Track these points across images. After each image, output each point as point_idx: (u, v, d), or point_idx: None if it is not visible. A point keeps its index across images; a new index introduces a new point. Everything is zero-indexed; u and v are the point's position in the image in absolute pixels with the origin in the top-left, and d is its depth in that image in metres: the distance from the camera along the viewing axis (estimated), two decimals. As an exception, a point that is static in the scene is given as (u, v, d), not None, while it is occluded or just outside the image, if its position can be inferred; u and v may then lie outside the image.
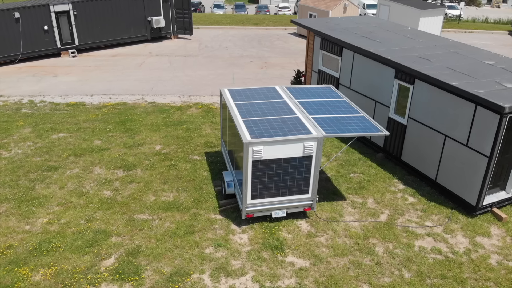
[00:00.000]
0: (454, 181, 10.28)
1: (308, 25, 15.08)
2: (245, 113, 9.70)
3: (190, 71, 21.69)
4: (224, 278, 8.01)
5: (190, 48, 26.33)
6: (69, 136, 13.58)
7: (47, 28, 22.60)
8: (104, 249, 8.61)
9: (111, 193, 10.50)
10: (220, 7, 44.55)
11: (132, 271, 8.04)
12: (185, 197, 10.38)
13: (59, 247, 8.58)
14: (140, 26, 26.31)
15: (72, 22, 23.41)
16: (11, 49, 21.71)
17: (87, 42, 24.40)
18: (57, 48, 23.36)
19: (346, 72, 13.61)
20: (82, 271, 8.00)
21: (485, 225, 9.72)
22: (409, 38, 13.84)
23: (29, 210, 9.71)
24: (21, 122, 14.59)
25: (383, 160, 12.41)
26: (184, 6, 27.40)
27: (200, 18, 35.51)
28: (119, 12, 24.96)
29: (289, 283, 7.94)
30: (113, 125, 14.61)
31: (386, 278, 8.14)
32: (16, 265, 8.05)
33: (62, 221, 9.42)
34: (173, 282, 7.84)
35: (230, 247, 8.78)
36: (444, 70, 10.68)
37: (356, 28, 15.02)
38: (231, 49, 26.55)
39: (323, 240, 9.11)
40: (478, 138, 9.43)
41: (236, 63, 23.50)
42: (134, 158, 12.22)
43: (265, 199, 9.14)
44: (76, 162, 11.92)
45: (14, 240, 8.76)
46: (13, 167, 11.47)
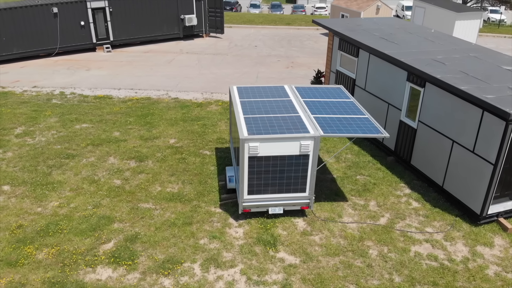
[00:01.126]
0: (460, 188, 10.03)
1: (327, 25, 15.05)
2: (248, 110, 9.89)
3: (216, 69, 22.10)
4: (214, 269, 8.25)
5: (220, 47, 26.78)
6: (91, 127, 14.27)
7: (83, 24, 23.70)
8: (105, 233, 9.07)
9: (120, 182, 10.99)
10: (257, 6, 44.87)
11: (127, 256, 8.43)
12: (189, 190, 10.71)
13: (64, 229, 9.12)
14: (173, 24, 27.05)
15: (108, 18, 24.42)
16: (49, 42, 22.95)
17: (122, 38, 25.38)
18: (92, 43, 24.45)
19: (362, 73, 13.50)
20: (82, 253, 8.48)
21: (489, 234, 9.42)
22: (429, 40, 13.54)
23: (43, 194, 10.35)
24: (49, 112, 15.46)
25: (393, 164, 12.23)
26: (217, 5, 27.90)
27: (233, 17, 35.98)
28: (153, 9, 25.78)
29: (276, 278, 8.07)
30: (134, 118, 15.20)
31: (375, 281, 8.10)
32: (23, 243, 8.65)
33: (71, 205, 9.99)
34: (164, 269, 8.16)
35: (224, 240, 9.01)
36: (457, 74, 10.41)
37: (377, 29, 14.84)
38: (260, 48, 26.79)
39: (317, 239, 9.15)
40: (484, 145, 9.16)
41: (263, 62, 23.70)
42: (148, 150, 12.69)
43: (261, 195, 9.30)
44: (93, 151, 12.54)
45: (25, 220, 9.38)
46: (35, 153, 12.22)
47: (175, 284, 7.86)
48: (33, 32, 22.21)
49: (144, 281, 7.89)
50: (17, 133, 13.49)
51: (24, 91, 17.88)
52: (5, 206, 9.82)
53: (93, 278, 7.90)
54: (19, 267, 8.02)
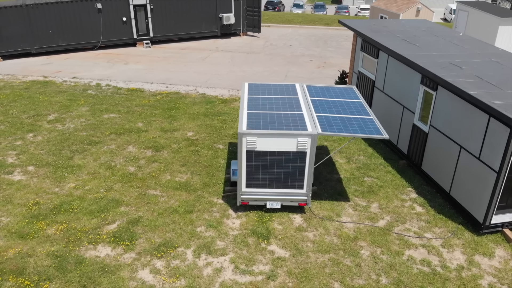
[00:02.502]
0: (465, 195, 9.78)
1: (351, 26, 15.00)
2: (253, 106, 10.17)
3: (247, 67, 22.50)
4: (205, 255, 8.61)
5: (255, 45, 27.16)
6: (118, 117, 15.09)
7: (125, 19, 24.87)
8: (111, 215, 9.68)
9: (134, 169, 11.62)
10: (300, 6, 44.91)
11: (127, 237, 8.98)
12: (196, 180, 11.14)
13: (75, 209, 9.83)
14: (211, 22, 27.73)
15: (149, 15, 25.46)
16: (92, 36, 24.30)
17: (161, 34, 26.36)
18: (133, 38, 25.59)
19: (381, 75, 13.38)
20: (87, 231, 9.12)
21: (491, 245, 9.13)
22: (454, 44, 13.17)
23: (62, 176, 11.16)
24: (82, 101, 16.48)
25: (405, 168, 12.06)
26: (255, 4, 28.30)
27: (272, 17, 36.26)
28: (192, 7, 26.57)
29: (262, 269, 8.30)
30: (159, 111, 15.88)
31: (361, 281, 8.13)
32: (36, 219, 9.43)
33: (86, 187, 10.71)
34: (158, 251, 8.62)
35: (220, 229, 9.35)
36: (471, 78, 10.14)
37: (402, 31, 14.60)
38: (295, 48, 26.90)
39: (311, 235, 9.28)
40: (489, 152, 8.90)
41: (295, 61, 23.83)
42: (165, 141, 13.28)
43: (259, 189, 9.55)
44: (115, 139, 13.29)
45: (42, 199, 10.19)
46: (62, 139, 13.14)
47: (166, 266, 8.29)
48: (78, 26, 23.61)
49: (138, 261, 8.39)
50: (50, 119, 14.53)
51: (64, 81, 19.12)
52: (27, 185, 10.70)
53: (92, 254, 8.50)
54: (29, 240, 8.77)
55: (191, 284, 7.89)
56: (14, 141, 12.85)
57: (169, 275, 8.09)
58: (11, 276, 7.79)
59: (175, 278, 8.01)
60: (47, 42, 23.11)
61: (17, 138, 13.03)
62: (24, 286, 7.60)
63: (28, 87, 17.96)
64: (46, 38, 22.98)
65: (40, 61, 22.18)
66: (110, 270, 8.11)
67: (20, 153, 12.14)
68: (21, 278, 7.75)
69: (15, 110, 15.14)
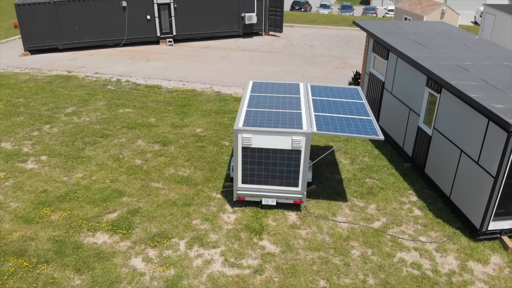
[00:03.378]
0: (464, 200, 9.62)
1: (363, 26, 14.93)
2: (253, 104, 10.34)
3: (265, 66, 22.67)
4: (197, 247, 8.85)
5: (276, 45, 27.29)
6: (132, 112, 15.58)
7: (149, 18, 25.53)
8: (113, 205, 10.07)
9: (140, 162, 12.01)
10: (326, 7, 44.65)
11: (125, 226, 9.34)
12: (198, 175, 11.41)
13: (80, 197, 10.28)
14: (233, 21, 28.06)
15: (172, 13, 26.03)
16: (117, 33, 25.07)
17: (184, 33, 26.90)
18: (156, 36, 26.23)
19: (390, 76, 13.27)
20: (88, 219, 9.54)
21: (487, 251, 8.96)
22: (466, 47, 12.91)
23: (72, 166, 11.67)
24: (101, 96, 17.08)
25: (409, 171, 11.93)
26: (277, 4, 28.44)
27: (296, 17, 36.26)
28: (215, 7, 26.97)
29: (251, 263, 8.47)
30: (173, 107, 16.28)
31: (347, 280, 8.17)
32: (42, 205, 9.93)
33: (93, 178, 11.17)
34: (152, 241, 8.93)
35: (215, 223, 9.57)
36: (475, 81, 9.95)
37: (416, 33, 14.41)
38: (315, 48, 26.86)
39: (304, 233, 9.37)
40: (487, 156, 8.74)
41: (314, 61, 23.82)
42: (174, 136, 13.63)
43: (255, 185, 9.72)
44: (126, 133, 13.75)
45: (51, 186, 10.71)
46: (76, 131, 13.71)
47: (158, 255, 8.59)
48: (103, 23, 24.42)
49: (132, 249, 8.72)
50: (67, 112, 15.17)
51: (86, 76, 19.85)
52: (38, 173, 11.25)
53: (90, 241, 8.90)
54: (33, 225, 9.26)
55: (179, 273, 8.15)
56: (31, 131, 13.50)
57: (160, 264, 8.37)
58: (12, 257, 8.27)
59: (165, 267, 8.29)
60: (74, 38, 24.02)
61: (34, 129, 13.69)
62: (23, 267, 8.06)
63: (52, 81, 18.76)
64: (73, 34, 23.90)
65: (66, 57, 23.08)
66: (104, 257, 8.47)
67: (35, 143, 12.76)
68: (21, 260, 8.22)
69: (36, 102, 15.88)
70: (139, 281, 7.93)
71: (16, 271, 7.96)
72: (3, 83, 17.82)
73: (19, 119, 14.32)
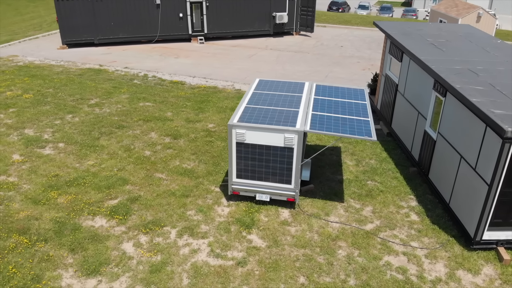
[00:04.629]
0: (461, 208, 9.35)
1: (381, 27, 14.71)
2: (253, 101, 10.52)
3: (289, 66, 22.73)
4: (186, 236, 9.16)
5: (305, 45, 27.25)
6: (151, 106, 16.17)
7: (181, 16, 26.21)
8: (115, 192, 10.58)
9: (149, 153, 12.50)
10: (365, 7, 43.91)
11: (122, 212, 9.80)
12: (201, 168, 11.74)
13: (86, 183, 10.88)
14: (265, 20, 28.27)
15: (204, 12, 26.60)
16: (150, 30, 25.93)
17: (215, 31, 27.41)
18: (188, 34, 26.89)
19: (403, 78, 13.03)
20: (90, 203, 10.09)
21: (480, 261, 8.68)
22: (485, 51, 12.45)
23: (85, 154, 12.33)
24: (125, 89, 17.83)
25: (414, 175, 11.69)
26: (309, 4, 28.38)
27: (330, 17, 35.92)
28: (246, 6, 27.30)
29: (235, 255, 8.67)
30: (191, 103, 16.74)
31: (327, 278, 8.19)
32: (51, 188, 10.59)
33: (102, 165, 11.76)
34: (146, 228, 9.33)
35: (208, 215, 9.85)
36: (482, 85, 9.63)
37: (436, 35, 14.04)
38: (345, 49, 26.59)
39: (293, 230, 9.45)
40: (484, 163, 8.47)
41: (341, 62, 23.61)
42: (185, 130, 14.05)
43: (249, 181, 9.90)
44: (141, 125, 14.32)
45: (62, 172, 11.38)
46: (95, 121, 14.43)
47: (149, 241, 8.97)
48: (137, 20, 25.34)
49: (126, 234, 9.16)
50: (90, 104, 15.97)
51: (116, 70, 20.73)
52: (53, 159, 11.98)
53: (88, 224, 9.42)
54: (39, 206, 9.92)
55: (165, 260, 8.48)
56: (54, 120, 14.36)
57: (148, 249, 8.75)
58: (15, 234, 8.93)
59: (153, 253, 8.65)
60: (109, 33, 25.09)
61: (57, 117, 14.55)
62: (23, 243, 8.68)
63: (83, 73, 19.76)
64: (108, 30, 24.97)
65: (100, 51, 24.18)
66: (99, 239, 8.96)
67: (56, 131, 13.56)
68: (22, 237, 8.85)
69: (64, 93, 16.82)
70: (126, 264, 8.34)
71: (16, 247, 8.59)
72: (37, 74, 18.99)
73: (45, 108, 15.25)
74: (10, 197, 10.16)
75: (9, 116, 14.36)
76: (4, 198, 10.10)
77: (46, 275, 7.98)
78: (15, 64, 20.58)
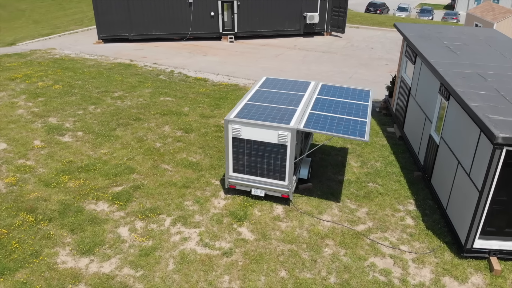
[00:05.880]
0: (456, 214, 9.16)
1: (400, 29, 14.49)
2: (254, 98, 10.74)
3: (315, 66, 22.72)
4: (179, 225, 9.54)
5: (335, 46, 27.09)
6: (171, 101, 16.75)
7: (213, 14, 26.79)
8: (121, 179, 11.14)
9: (159, 145, 13.02)
10: (404, 9, 42.85)
11: (123, 198, 10.32)
12: (206, 162, 12.10)
13: (96, 170, 11.51)
14: (295, 20, 28.36)
15: (235, 11, 27.05)
16: (182, 28, 26.69)
17: (245, 30, 27.80)
18: (219, 32, 27.44)
19: (415, 81, 12.82)
20: (95, 189, 10.70)
21: (469, 270, 8.48)
22: (502, 56, 12.02)
23: (100, 143, 13.02)
24: (149, 84, 18.54)
25: (418, 180, 11.50)
26: (341, 4, 28.19)
27: (364, 18, 35.38)
28: (277, 5, 27.50)
29: (222, 246, 8.95)
30: (210, 99, 17.18)
31: (308, 274, 8.30)
32: (63, 173, 11.30)
33: (114, 154, 12.39)
34: (142, 214, 9.79)
35: (204, 206, 10.19)
36: (486, 90, 9.38)
37: (455, 38, 13.67)
38: (375, 51, 26.20)
39: (284, 226, 9.61)
40: (477, 169, 8.27)
41: (369, 64, 23.33)
42: (198, 125, 14.48)
43: (245, 175, 10.14)
44: (157, 119, 14.89)
45: (76, 158, 12.10)
46: (115, 112, 15.16)
47: (144, 227, 9.42)
48: (170, 18, 26.16)
49: (124, 219, 9.66)
50: (114, 96, 16.76)
51: (144, 66, 21.55)
52: (70, 146, 12.74)
53: (91, 208, 10.01)
54: (50, 189, 10.63)
55: (156, 245, 8.90)
56: (77, 110, 15.21)
57: (142, 235, 9.20)
58: (22, 213, 9.64)
59: (145, 238, 9.09)
60: (143, 30, 26.06)
61: (80, 108, 15.40)
62: (28, 221, 9.38)
63: (113, 67, 20.70)
64: (142, 27, 25.95)
65: (133, 47, 25.17)
66: (98, 222, 9.51)
67: (77, 121, 14.38)
68: (29, 216, 9.55)
69: (91, 85, 17.74)
70: (118, 247, 8.83)
71: (22, 224, 9.30)
72: (69, 67, 20.10)
73: (71, 98, 16.17)
74: (25, 179, 10.95)
75: (37, 104, 15.37)
76: (20, 180, 10.90)
77: (44, 251, 8.61)
78: (51, 57, 21.88)
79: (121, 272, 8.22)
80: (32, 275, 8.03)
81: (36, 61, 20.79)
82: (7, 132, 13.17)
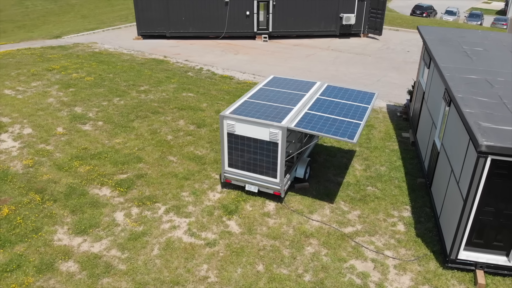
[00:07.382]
0: (445, 223, 8.91)
1: (421, 32, 14.11)
2: (255, 96, 10.96)
3: (344, 67, 22.50)
4: (172, 214, 9.96)
5: (370, 48, 26.62)
6: (192, 97, 17.30)
7: (248, 14, 27.19)
8: (127, 168, 11.76)
9: (170, 138, 13.55)
10: (452, 13, 41.09)
11: (126, 186, 10.91)
12: (210, 156, 12.47)
13: (107, 158, 12.21)
14: (331, 21, 28.16)
15: (270, 10, 27.29)
16: (218, 27, 27.29)
17: (279, 30, 27.97)
18: (253, 31, 27.80)
19: (428, 86, 12.48)
20: (102, 175, 11.37)
21: (452, 281, 8.24)
22: (522, 62, 11.45)
23: (116, 133, 13.75)
24: (175, 80, 19.21)
25: (420, 186, 11.21)
26: (379, 6, 27.65)
27: (405, 21, 34.33)
28: (313, 6, 27.44)
29: (208, 236, 9.26)
30: (230, 96, 17.55)
31: (285, 270, 8.42)
32: (77, 159, 12.09)
33: (126, 144, 13.06)
34: (140, 201, 10.31)
35: (199, 198, 10.55)
36: (488, 97, 9.03)
37: (476, 43, 13.14)
38: (411, 54, 25.48)
39: (271, 222, 9.76)
40: (464, 178, 8.02)
41: (400, 67, 22.77)
42: (211, 121, 14.89)
43: (239, 171, 10.39)
44: (174, 113, 15.47)
45: (92, 146, 12.88)
46: (136, 105, 15.90)
47: (139, 213, 9.94)
48: (206, 16, 26.84)
49: (122, 205, 10.23)
50: (139, 90, 17.56)
51: (176, 62, 22.33)
52: (89, 134, 13.57)
53: (94, 192, 10.68)
54: (62, 172, 11.43)
55: (145, 231, 9.37)
56: (102, 101, 16.11)
57: (135, 220, 9.71)
58: (32, 192, 10.47)
59: (137, 224, 9.59)
60: (180, 28, 26.94)
61: (106, 99, 16.29)
62: (35, 200, 10.17)
63: (145, 63, 21.63)
64: (179, 24, 26.82)
65: (169, 44, 26.09)
66: (97, 206, 10.14)
67: (100, 111, 15.25)
68: (37, 195, 10.36)
69: (120, 78, 18.68)
70: (110, 230, 9.38)
71: (30, 202, 10.10)
72: (105, 60, 21.24)
73: (99, 90, 17.13)
74: (42, 162, 11.83)
75: (67, 94, 16.44)
76: (37, 162, 11.80)
77: (44, 228, 9.33)
78: (91, 50, 23.20)
79: (108, 253, 8.75)
80: (29, 249, 8.75)
81: (76, 54, 22.14)
82: (34, 119, 14.24)
